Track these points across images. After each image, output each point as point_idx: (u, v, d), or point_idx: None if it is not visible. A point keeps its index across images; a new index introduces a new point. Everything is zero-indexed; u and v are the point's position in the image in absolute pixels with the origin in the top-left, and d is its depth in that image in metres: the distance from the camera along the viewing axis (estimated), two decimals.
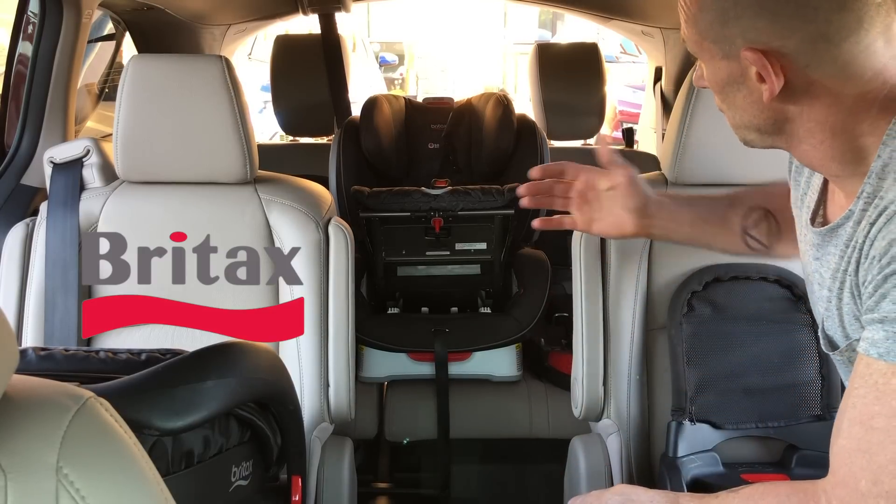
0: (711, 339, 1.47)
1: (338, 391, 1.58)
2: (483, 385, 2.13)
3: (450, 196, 1.93)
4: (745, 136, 0.94)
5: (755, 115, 0.90)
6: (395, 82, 12.43)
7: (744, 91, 0.88)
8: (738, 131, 0.95)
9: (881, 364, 0.79)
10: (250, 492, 1.10)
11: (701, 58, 0.93)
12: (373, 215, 1.97)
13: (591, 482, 1.59)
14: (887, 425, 0.77)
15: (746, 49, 0.83)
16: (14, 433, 0.56)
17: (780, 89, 0.84)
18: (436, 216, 1.96)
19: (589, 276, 1.58)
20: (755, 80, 0.85)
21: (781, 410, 1.42)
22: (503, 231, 2.02)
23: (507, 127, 2.29)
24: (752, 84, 0.86)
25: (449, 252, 2.02)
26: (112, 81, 2.81)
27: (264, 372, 1.09)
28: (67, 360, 0.99)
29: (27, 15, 1.82)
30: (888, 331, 0.78)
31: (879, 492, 0.77)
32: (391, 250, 2.02)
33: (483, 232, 2.02)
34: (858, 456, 0.79)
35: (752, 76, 0.85)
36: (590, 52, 2.63)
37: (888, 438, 0.77)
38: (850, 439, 0.81)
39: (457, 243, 2.01)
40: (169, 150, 1.54)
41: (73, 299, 1.53)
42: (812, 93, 0.85)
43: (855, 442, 0.80)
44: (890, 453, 0.77)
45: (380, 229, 2.00)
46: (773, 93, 0.84)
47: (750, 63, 0.84)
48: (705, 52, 0.90)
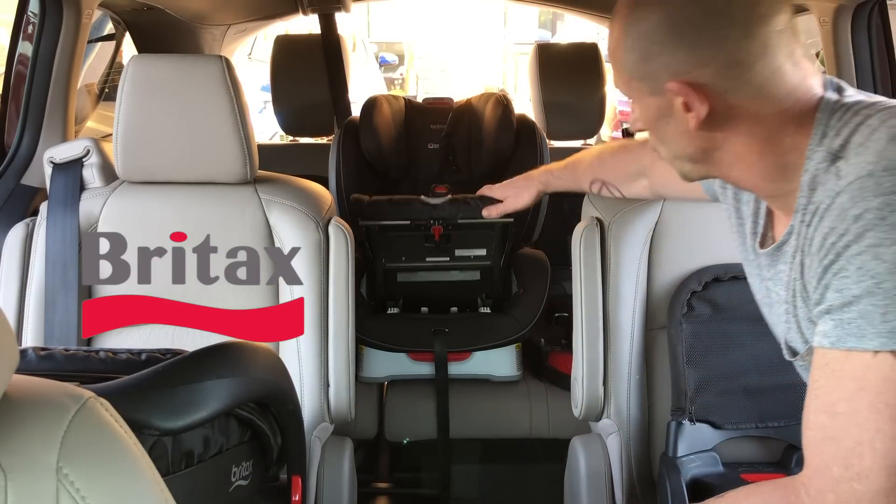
0: (711, 339, 1.47)
1: (338, 391, 1.58)
2: (483, 385, 2.13)
3: (449, 205, 1.92)
4: (680, 168, 1.02)
5: (686, 146, 0.97)
6: (394, 82, 12.44)
7: (672, 124, 0.95)
8: (673, 164, 1.02)
9: (834, 352, 0.82)
10: (250, 492, 1.10)
11: (631, 97, 1.00)
12: (372, 224, 1.97)
13: (591, 482, 1.59)
14: (848, 408, 0.80)
15: (670, 81, 0.90)
16: (14, 433, 0.56)
17: (705, 116, 0.91)
18: (436, 224, 1.96)
19: (589, 276, 1.58)
20: (682, 110, 0.92)
21: (781, 410, 1.42)
22: (503, 238, 2.02)
23: (507, 127, 2.29)
24: (679, 115, 0.93)
25: (448, 258, 2.02)
26: (112, 81, 2.81)
27: (264, 372, 1.09)
28: (67, 360, 0.99)
29: (27, 15, 1.82)
30: (836, 319, 0.82)
31: (851, 475, 0.80)
32: (391, 256, 2.02)
33: (483, 238, 2.02)
34: (827, 444, 0.82)
35: (679, 107, 0.92)
36: (590, 52, 2.63)
37: (851, 422, 0.80)
38: (816, 429, 0.84)
39: (456, 249, 2.01)
40: (169, 150, 1.54)
41: (73, 299, 1.53)
42: (734, 117, 0.92)
43: (822, 431, 0.83)
44: (854, 435, 0.80)
45: (379, 236, 2.00)
46: (700, 119, 0.91)
47: (675, 94, 0.91)
48: (634, 92, 0.97)
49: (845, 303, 0.82)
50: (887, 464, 0.78)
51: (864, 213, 0.81)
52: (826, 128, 0.89)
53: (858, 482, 0.79)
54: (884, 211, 0.80)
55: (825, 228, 0.85)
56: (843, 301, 0.82)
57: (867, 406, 0.79)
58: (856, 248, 0.81)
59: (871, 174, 0.82)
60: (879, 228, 0.80)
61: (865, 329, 0.80)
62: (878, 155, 0.83)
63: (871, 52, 1.90)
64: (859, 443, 0.79)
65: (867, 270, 0.80)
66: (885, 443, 0.78)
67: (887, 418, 0.78)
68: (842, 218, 0.83)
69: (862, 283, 0.80)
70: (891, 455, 0.78)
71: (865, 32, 1.89)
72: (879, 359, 0.79)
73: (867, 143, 0.85)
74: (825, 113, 0.90)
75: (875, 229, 0.80)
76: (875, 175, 0.81)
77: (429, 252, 2.01)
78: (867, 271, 0.80)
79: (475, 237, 1.98)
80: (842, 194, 0.84)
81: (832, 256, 0.84)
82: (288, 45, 2.76)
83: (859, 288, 0.80)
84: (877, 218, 0.80)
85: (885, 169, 0.81)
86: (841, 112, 0.90)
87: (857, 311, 0.81)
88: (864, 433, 0.79)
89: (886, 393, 0.78)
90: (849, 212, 0.82)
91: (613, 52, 0.97)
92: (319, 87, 2.67)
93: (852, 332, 0.81)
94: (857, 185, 0.82)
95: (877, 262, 0.79)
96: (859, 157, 0.85)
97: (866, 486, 0.79)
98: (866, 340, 0.80)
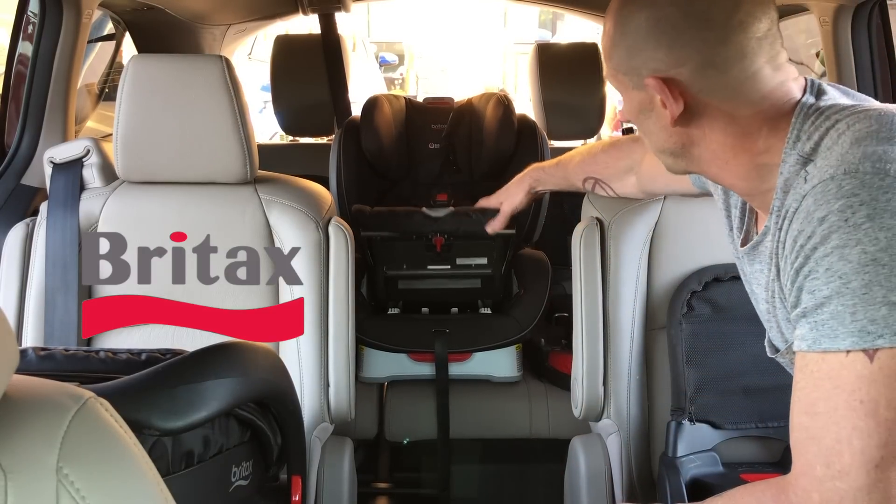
0: (711, 339, 1.47)
1: (338, 391, 1.58)
2: (483, 385, 2.13)
3: (451, 218, 1.93)
4: (664, 161, 1.06)
5: (665, 140, 1.01)
6: (395, 82, 12.43)
7: (653, 118, 0.99)
8: (658, 157, 1.06)
9: (812, 354, 0.84)
10: (250, 492, 1.10)
11: (618, 90, 1.04)
12: (374, 234, 1.97)
13: (591, 482, 1.59)
14: (826, 408, 0.82)
15: (649, 77, 0.95)
16: (14, 433, 0.56)
17: (681, 113, 0.95)
18: (437, 236, 1.97)
19: (589, 275, 1.58)
20: (660, 106, 0.96)
21: (781, 410, 1.40)
22: (504, 247, 2.02)
23: (507, 127, 2.29)
24: (658, 110, 0.97)
25: (450, 266, 2.03)
26: (112, 81, 2.81)
27: (264, 372, 1.09)
28: (67, 360, 0.99)
29: (27, 15, 1.82)
30: (810, 322, 0.84)
31: (833, 473, 0.81)
32: (392, 264, 2.03)
33: (484, 247, 2.02)
34: (809, 444, 0.84)
35: (658, 103, 0.96)
36: (590, 52, 2.63)
37: (830, 421, 0.81)
38: (799, 430, 0.85)
39: (458, 258, 2.02)
40: (169, 150, 1.54)
41: (73, 299, 1.53)
42: (709, 115, 0.95)
43: (804, 431, 0.85)
44: (833, 434, 0.81)
45: (380, 245, 2.00)
46: (674, 115, 0.95)
47: (653, 90, 0.95)
48: (620, 85, 1.02)
49: (817, 304, 0.83)
50: (866, 460, 0.79)
51: (828, 215, 0.82)
52: (799, 132, 0.92)
53: (840, 480, 0.80)
54: (846, 213, 0.81)
55: (794, 231, 0.87)
56: (816, 303, 0.83)
57: (843, 404, 0.80)
58: (822, 251, 0.83)
59: (833, 177, 0.84)
60: (843, 230, 0.81)
61: (837, 329, 0.81)
62: (840, 158, 0.85)
63: (871, 52, 1.90)
64: (838, 441, 0.80)
65: (834, 271, 0.81)
66: (862, 439, 0.79)
67: (862, 415, 0.79)
68: (808, 221, 0.85)
69: (831, 283, 0.82)
70: (868, 451, 0.79)
71: (865, 32, 1.89)
72: (851, 357, 0.80)
73: (833, 147, 0.87)
74: (799, 117, 0.92)
75: (839, 231, 0.81)
76: (836, 178, 0.83)
77: (430, 260, 2.02)
78: (834, 272, 0.81)
79: (477, 246, 1.99)
80: (807, 197, 0.86)
81: (802, 259, 0.85)
82: (288, 45, 2.76)
83: (829, 289, 0.82)
84: (840, 220, 0.81)
85: (845, 172, 0.83)
86: (815, 116, 0.92)
87: (828, 313, 0.82)
88: (842, 431, 0.80)
89: (860, 390, 0.79)
90: (814, 214, 0.84)
91: (604, 45, 1.03)
92: (319, 87, 2.66)
93: (826, 333, 0.82)
94: (821, 188, 0.84)
95: (843, 262, 0.81)
96: (824, 161, 0.87)
97: (847, 483, 0.80)
98: (839, 340, 0.81)
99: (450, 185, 2.31)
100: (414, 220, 1.95)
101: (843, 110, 0.91)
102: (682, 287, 1.51)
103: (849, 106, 0.92)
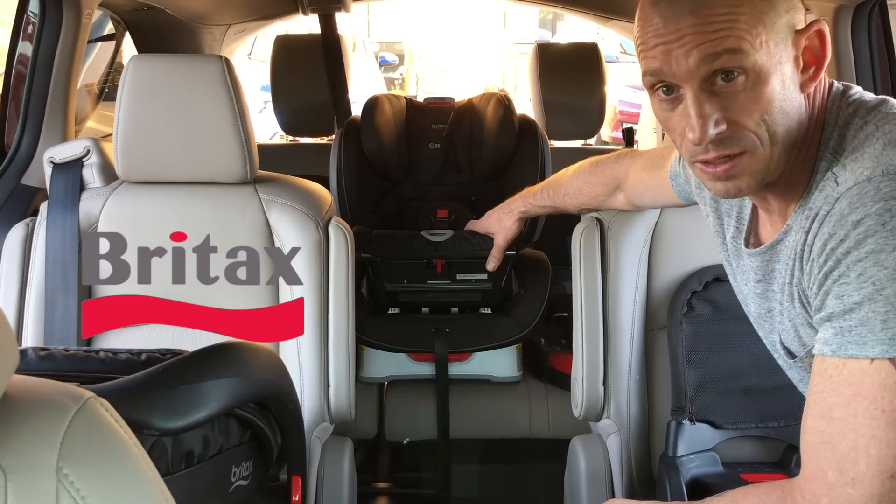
0: (711, 339, 1.47)
1: (338, 391, 1.58)
2: (483, 385, 2.13)
3: (451, 243, 1.95)
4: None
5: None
6: (395, 82, 12.43)
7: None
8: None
9: (834, 359, 0.82)
10: (250, 492, 1.10)
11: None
12: (374, 258, 1.99)
13: (591, 482, 1.59)
14: (844, 414, 0.80)
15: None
16: (14, 433, 0.56)
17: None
18: (438, 257, 1.99)
19: (589, 275, 1.57)
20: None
21: (781, 410, 1.42)
22: (504, 264, 2.03)
23: (508, 127, 2.29)
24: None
25: (450, 281, 2.04)
26: (112, 81, 2.81)
27: (264, 372, 1.09)
28: (67, 360, 0.99)
29: (27, 15, 1.82)
30: (836, 327, 0.82)
31: (846, 480, 0.80)
32: (393, 280, 2.04)
33: (484, 265, 2.03)
34: (823, 448, 0.82)
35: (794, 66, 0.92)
36: (590, 52, 2.63)
37: (847, 427, 0.80)
38: (813, 433, 0.84)
39: (458, 274, 2.03)
40: (169, 150, 1.54)
41: (73, 299, 1.53)
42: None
43: (818, 435, 0.83)
44: (850, 440, 0.80)
45: (382, 264, 2.02)
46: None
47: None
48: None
49: (846, 310, 0.81)
50: (881, 469, 0.78)
51: (864, 218, 0.80)
52: (831, 129, 0.90)
53: (853, 487, 0.79)
54: (884, 216, 0.79)
55: (825, 234, 0.85)
56: (844, 308, 0.81)
57: (863, 412, 0.79)
58: (856, 255, 0.80)
59: (870, 179, 0.81)
60: (880, 234, 0.79)
61: (866, 336, 0.79)
62: (875, 160, 0.83)
63: (871, 52, 1.89)
64: (854, 448, 0.79)
65: (868, 277, 0.79)
66: (880, 448, 0.78)
67: (883, 424, 0.78)
68: (841, 224, 0.82)
69: (863, 289, 0.80)
70: (885, 461, 0.78)
71: (865, 32, 1.89)
72: (876, 365, 0.79)
73: (863, 148, 0.85)
74: (831, 114, 0.90)
75: (875, 235, 0.79)
76: (874, 180, 0.81)
77: (430, 275, 2.03)
78: (868, 278, 0.79)
79: (477, 264, 2.00)
80: (840, 200, 0.83)
81: (832, 263, 0.83)
82: (288, 45, 2.76)
83: (860, 294, 0.80)
84: (877, 224, 0.79)
85: (883, 173, 0.81)
86: (844, 114, 0.90)
87: (857, 319, 0.80)
88: (860, 439, 0.79)
89: (882, 399, 0.78)
90: (848, 217, 0.82)
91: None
92: (319, 86, 2.66)
93: (853, 339, 0.80)
94: (857, 190, 0.82)
95: (877, 268, 0.79)
96: (856, 163, 0.84)
97: (860, 491, 0.79)
98: (867, 348, 0.79)
99: (450, 210, 2.31)
100: (414, 246, 1.98)
101: (872, 111, 0.89)
102: (682, 287, 1.51)
103: (876, 105, 0.90)
